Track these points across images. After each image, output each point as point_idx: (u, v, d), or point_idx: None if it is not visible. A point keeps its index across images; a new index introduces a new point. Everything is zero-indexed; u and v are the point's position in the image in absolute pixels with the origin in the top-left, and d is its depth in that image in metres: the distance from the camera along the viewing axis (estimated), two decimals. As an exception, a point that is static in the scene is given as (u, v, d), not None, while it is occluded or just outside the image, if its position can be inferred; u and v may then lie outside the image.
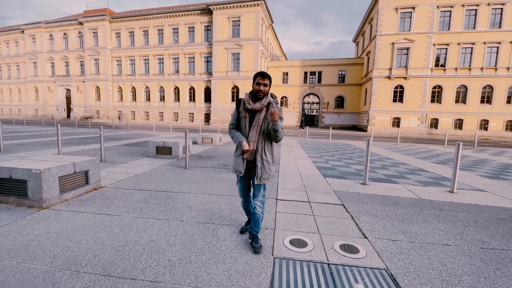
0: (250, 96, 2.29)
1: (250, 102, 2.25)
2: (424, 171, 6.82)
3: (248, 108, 2.25)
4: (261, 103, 2.22)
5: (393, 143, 15.93)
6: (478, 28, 25.97)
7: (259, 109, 2.24)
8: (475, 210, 3.74)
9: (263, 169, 2.30)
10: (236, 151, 2.41)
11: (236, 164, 2.37)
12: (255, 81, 2.23)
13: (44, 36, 40.37)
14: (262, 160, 2.30)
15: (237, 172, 2.35)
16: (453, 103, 27.46)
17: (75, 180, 3.66)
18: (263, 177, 2.31)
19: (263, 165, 2.30)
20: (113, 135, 14.86)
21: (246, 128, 2.30)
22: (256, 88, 2.22)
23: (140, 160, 7.02)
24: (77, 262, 2.12)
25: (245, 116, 2.29)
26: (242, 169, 2.32)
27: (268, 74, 2.23)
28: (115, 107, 39.02)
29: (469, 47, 26.53)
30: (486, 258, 2.40)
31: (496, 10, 25.65)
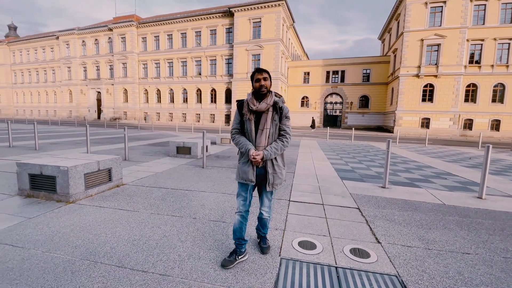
0: (253, 95, 2.09)
1: (255, 102, 2.05)
2: (452, 175, 6.40)
3: (252, 110, 2.05)
4: (266, 103, 2.03)
5: (421, 145, 15.10)
6: (517, 21, 23.79)
7: (265, 110, 2.05)
8: (504, 218, 3.45)
9: (274, 174, 2.12)
10: (242, 157, 2.17)
11: (244, 172, 2.12)
12: (254, 79, 2.06)
13: (77, 42, 43.42)
14: (273, 165, 2.12)
15: (247, 181, 2.11)
16: (489, 103, 25.39)
17: (99, 177, 3.92)
18: (275, 183, 2.14)
19: (275, 170, 2.12)
20: (138, 135, 15.62)
21: (252, 132, 2.08)
22: (257, 86, 2.03)
23: (161, 159, 7.31)
24: (96, 253, 2.28)
25: (250, 118, 2.07)
26: (253, 177, 2.09)
27: (265, 69, 2.06)
28: (141, 108, 40.94)
29: (506, 43, 24.39)
30: (508, 268, 2.23)
31: (540, 1, 23.34)
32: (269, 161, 2.10)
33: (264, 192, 2.24)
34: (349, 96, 34.56)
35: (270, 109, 2.06)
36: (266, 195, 2.24)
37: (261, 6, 30.62)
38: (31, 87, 50.70)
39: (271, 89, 2.11)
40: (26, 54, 50.03)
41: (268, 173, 2.11)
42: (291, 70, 36.69)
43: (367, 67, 33.69)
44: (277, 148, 2.06)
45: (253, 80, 2.08)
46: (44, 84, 49.23)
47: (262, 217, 2.31)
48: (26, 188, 3.62)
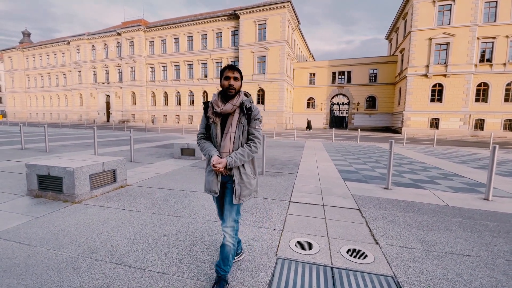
0: (219, 96, 1.87)
1: (219, 103, 1.82)
2: (459, 176, 6.27)
3: (217, 112, 1.83)
4: (232, 104, 1.80)
5: (429, 145, 14.83)
6: (531, 18, 23.14)
7: (231, 111, 1.82)
8: (510, 220, 3.37)
9: (241, 184, 1.84)
10: (208, 166, 1.92)
11: (208, 182, 1.90)
12: (223, 76, 1.82)
13: (87, 47, 44.50)
14: (240, 174, 1.85)
15: (211, 192, 1.88)
16: (501, 102, 24.70)
17: (103, 178, 4.02)
18: (242, 195, 1.85)
19: (242, 179, 1.85)
20: (145, 137, 15.88)
21: (218, 136, 1.85)
22: (225, 84, 1.80)
23: (166, 160, 7.43)
24: (97, 251, 2.35)
25: (215, 121, 1.85)
26: (217, 188, 1.86)
27: (237, 67, 1.84)
28: (149, 111, 41.58)
29: (520, 40, 23.72)
30: (510, 272, 2.18)
31: (555, -4, 22.65)
32: (235, 169, 1.84)
33: (227, 204, 1.88)
34: (356, 96, 34.23)
35: (237, 110, 1.84)
36: (231, 209, 1.87)
37: (266, 8, 30.74)
38: (43, 91, 52.18)
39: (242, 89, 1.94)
40: (39, 59, 51.56)
41: (235, 182, 1.83)
42: (296, 71, 36.63)
43: (374, 67, 33.32)
44: (243, 154, 1.80)
45: (222, 77, 1.83)
46: (56, 88, 50.59)
47: (225, 242, 1.83)
48: (34, 189, 3.75)
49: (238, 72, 1.83)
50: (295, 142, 15.28)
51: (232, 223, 1.87)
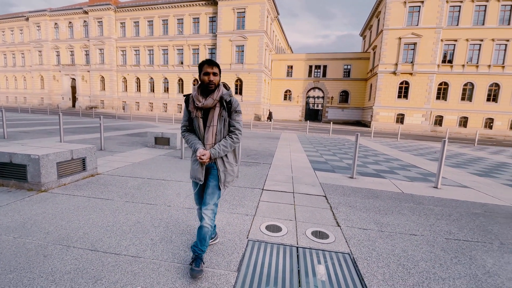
0: (199, 90, 1.93)
1: (200, 98, 1.90)
2: (416, 167, 6.93)
3: (198, 106, 1.91)
4: (213, 99, 1.88)
5: (394, 139, 15.94)
6: (487, 25, 25.35)
7: (211, 106, 1.91)
8: (453, 205, 3.88)
9: (226, 172, 2.01)
10: (193, 155, 2.05)
11: (194, 170, 2.02)
12: (202, 71, 1.87)
13: (49, 24, 40.59)
14: (224, 163, 2.00)
15: (196, 179, 2.00)
16: (458, 101, 27.11)
17: (72, 166, 3.89)
18: (227, 181, 2.02)
19: (226, 168, 2.01)
20: (115, 125, 15.17)
21: (201, 129, 1.95)
22: (205, 80, 1.86)
23: (139, 150, 7.25)
24: (69, 239, 2.35)
25: (197, 115, 1.94)
26: (201, 176, 1.98)
27: (216, 62, 1.90)
28: (119, 97, 39.39)
29: (478, 44, 25.98)
30: (447, 248, 2.57)
31: (506, 7, 24.97)
32: (219, 158, 1.98)
33: (209, 189, 2.01)
34: (330, 91, 35.35)
35: (218, 104, 1.92)
36: (213, 193, 2.00)
37: (245, -4, 30.17)
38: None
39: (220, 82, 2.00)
40: (-8, 35, 46.10)
41: (219, 171, 1.98)
42: (275, 63, 36.76)
43: (348, 63, 34.53)
44: (226, 145, 1.93)
45: (201, 72, 1.89)
46: (12, 69, 45.79)
47: (203, 224, 1.94)
48: (-6, 177, 3.54)
49: (217, 67, 1.89)
50: (271, 133, 15.57)
51: (213, 206, 2.00)
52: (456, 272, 2.15)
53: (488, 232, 2.98)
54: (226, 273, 1.99)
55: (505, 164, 8.39)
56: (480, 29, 25.62)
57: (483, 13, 25.49)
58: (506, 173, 6.78)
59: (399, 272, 2.11)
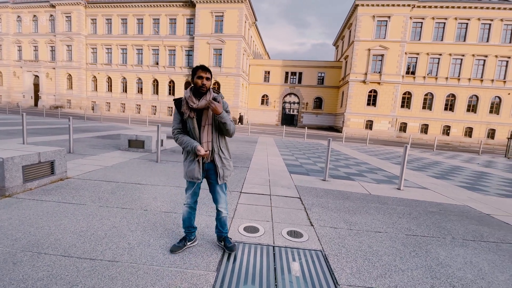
0: (191, 93, 2.08)
1: (194, 100, 2.04)
2: (382, 170, 7.46)
3: (193, 108, 2.05)
4: (206, 100, 2.04)
5: (363, 144, 16.88)
6: (445, 40, 27.99)
7: (205, 106, 2.06)
8: (413, 205, 4.27)
9: (224, 168, 2.21)
10: (188, 156, 2.18)
11: (191, 171, 2.16)
12: (195, 75, 2.03)
13: (10, 17, 37.36)
14: (221, 159, 2.19)
15: (194, 179, 2.16)
16: (420, 109, 29.44)
17: (39, 170, 3.69)
18: (225, 175, 2.23)
19: (223, 163, 2.20)
20: (85, 127, 14.35)
21: (196, 129, 2.10)
22: (198, 83, 2.02)
23: (111, 152, 6.98)
24: (39, 245, 2.26)
25: (191, 116, 2.07)
26: (199, 175, 2.14)
27: (209, 68, 2.07)
28: (88, 97, 37.21)
29: (437, 58, 28.53)
30: (407, 242, 2.86)
31: (462, 25, 27.78)
32: (217, 155, 2.17)
33: (217, 188, 2.25)
34: (305, 97, 36.51)
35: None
36: (221, 189, 2.27)
37: (223, 0, 30.29)
38: None
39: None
40: None
41: (218, 167, 2.17)
42: (252, 68, 37.18)
43: (322, 71, 35.97)
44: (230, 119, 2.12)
45: (194, 76, 2.05)
46: (-36, 62, 41.24)
47: (221, 215, 2.31)
48: None
49: (210, 72, 2.07)
50: (249, 137, 15.72)
51: (225, 198, 2.33)
52: (414, 264, 2.42)
53: (442, 228, 3.34)
54: (206, 273, 2.05)
55: (459, 167, 9.32)
56: (439, 44, 28.18)
57: (442, 30, 28.11)
58: (459, 176, 7.54)
59: (365, 266, 2.32)
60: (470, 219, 3.78)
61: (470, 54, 27.75)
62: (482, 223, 3.63)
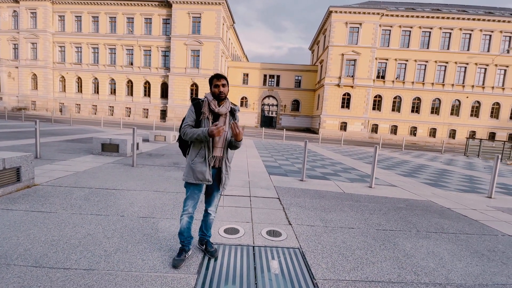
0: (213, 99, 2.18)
1: (216, 105, 2.15)
2: (355, 169, 7.85)
3: (214, 111, 2.13)
4: (226, 108, 2.16)
5: (338, 145, 17.57)
6: (411, 47, 30.01)
7: (224, 114, 2.17)
8: (383, 201, 4.57)
9: (226, 175, 2.26)
10: (196, 157, 2.15)
11: (200, 172, 2.12)
12: (212, 85, 2.14)
13: (-35, 10, 34.10)
14: (226, 166, 2.25)
15: (203, 181, 2.14)
16: (390, 111, 31.24)
17: (4, 177, 3.45)
18: (225, 183, 2.27)
19: (227, 171, 2.26)
20: (52, 130, 13.47)
21: None
22: (216, 91, 2.12)
23: (82, 157, 6.66)
24: (7, 256, 2.14)
25: (209, 118, 2.14)
26: (210, 176, 2.14)
27: (223, 75, 2.16)
28: (56, 98, 34.89)
29: (404, 63, 30.51)
30: (377, 237, 3.07)
31: (425, 33, 29.99)
32: (224, 162, 2.23)
33: (215, 192, 2.30)
34: (283, 99, 37.20)
35: (228, 113, 2.20)
36: (216, 194, 2.33)
37: (201, 1, 30.04)
38: None
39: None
40: None
41: (222, 173, 2.21)
42: (231, 70, 37.17)
43: (299, 74, 36.91)
44: None
45: (211, 85, 2.16)
46: None
47: (209, 218, 2.37)
48: None
49: (225, 79, 2.15)
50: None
51: (217, 202, 2.42)
52: (383, 256, 2.61)
53: (408, 222, 3.62)
54: (186, 276, 2.07)
55: (424, 165, 10.05)
56: (405, 50, 30.16)
57: (408, 37, 30.12)
58: (424, 173, 8.15)
59: (340, 260, 2.47)
60: (432, 213, 4.13)
61: (433, 61, 30.01)
62: (443, 216, 3.98)
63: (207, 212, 2.38)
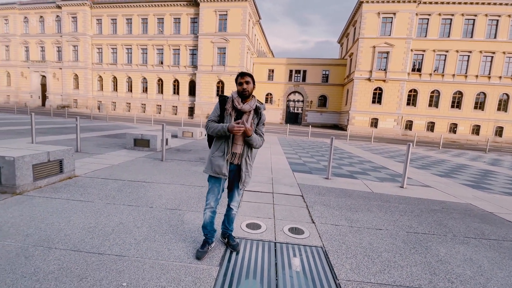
0: (238, 95, 2.22)
1: (240, 102, 2.18)
2: (386, 168, 7.44)
3: (237, 108, 2.17)
4: (250, 106, 2.18)
5: (368, 142, 16.80)
6: (452, 37, 27.56)
7: (247, 111, 2.18)
8: (415, 203, 4.29)
9: (247, 173, 2.27)
10: (216, 151, 2.23)
11: (218, 166, 2.19)
12: (237, 83, 2.19)
13: (18, 18, 38.02)
14: (247, 164, 2.27)
15: (220, 174, 2.20)
16: (426, 107, 29.09)
17: (49, 169, 3.81)
18: (246, 181, 2.28)
19: (247, 169, 2.27)
20: (91, 126, 14.59)
21: None
22: (239, 89, 2.16)
23: (117, 151, 7.12)
24: (49, 240, 2.36)
25: (232, 114, 2.18)
26: (226, 171, 2.19)
27: (248, 72, 2.19)
28: (94, 96, 37.72)
29: (443, 54, 28.12)
30: (407, 240, 2.89)
31: (469, 21, 27.31)
32: (244, 159, 2.24)
33: (235, 188, 2.34)
34: (309, 95, 36.38)
35: (252, 111, 2.20)
36: (237, 191, 2.35)
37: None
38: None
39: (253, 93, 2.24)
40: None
41: (242, 171, 2.24)
42: (256, 66, 37.16)
43: (326, 69, 35.77)
44: (257, 139, 2.22)
45: (236, 83, 2.20)
46: (-27, 63, 42.20)
47: (231, 212, 2.41)
48: (-38, 180, 3.39)
49: (249, 76, 2.17)
50: (252, 135, 15.76)
51: (238, 198, 2.42)
52: (413, 260, 2.45)
53: (444, 226, 3.36)
54: (209, 268, 2.13)
55: (464, 165, 9.24)
56: (446, 40, 27.77)
57: (448, 26, 27.68)
58: (464, 174, 7.49)
59: (365, 262, 2.37)
60: (472, 217, 3.79)
61: (478, 51, 27.29)
62: (484, 221, 3.63)
63: (229, 207, 2.42)
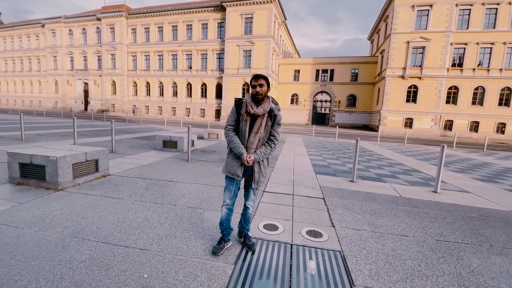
0: (251, 99, 2.24)
1: (253, 106, 2.20)
2: (418, 171, 6.97)
3: (250, 112, 2.20)
4: (263, 109, 2.19)
5: (401, 144, 15.85)
6: (498, 28, 24.94)
7: (261, 115, 2.21)
8: (449, 209, 3.96)
9: (260, 173, 2.32)
10: (231, 153, 2.33)
11: (232, 167, 2.31)
12: (251, 84, 2.22)
13: (63, 30, 42.23)
14: (260, 165, 2.31)
15: (234, 175, 2.30)
16: (469, 105, 26.61)
17: (86, 168, 4.18)
18: (260, 181, 2.33)
19: (261, 169, 2.32)
20: (126, 128, 15.66)
21: (246, 133, 2.25)
22: (253, 91, 2.19)
23: (147, 152, 7.56)
24: (84, 232, 2.60)
25: (246, 119, 2.23)
26: (240, 173, 2.29)
27: (262, 75, 2.19)
28: (129, 101, 40.44)
29: (488, 47, 25.54)
30: (436, 248, 2.69)
31: (518, 9, 24.50)
32: (258, 162, 2.30)
33: (250, 188, 2.40)
34: (337, 94, 35.29)
35: (266, 114, 2.22)
36: (252, 190, 2.42)
37: (253, 2, 30.66)
38: (14, 76, 49.03)
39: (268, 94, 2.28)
40: (10, 41, 48.23)
41: (255, 171, 2.30)
42: (282, 67, 37.02)
43: (356, 67, 34.42)
44: (265, 152, 2.28)
45: (250, 85, 2.23)
46: (28, 73, 47.70)
47: (247, 211, 2.46)
48: (16, 176, 3.86)
49: (263, 79, 2.19)
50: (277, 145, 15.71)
51: (254, 197, 2.46)
52: (440, 270, 2.28)
53: (480, 235, 3.07)
54: (224, 265, 2.19)
55: (511, 169, 8.30)
56: (491, 32, 25.20)
57: (494, 16, 25.10)
58: (510, 179, 6.74)
59: (385, 269, 2.26)
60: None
61: (531, 41, 24.35)
62: (531, 232, 3.24)
63: (246, 206, 2.48)
